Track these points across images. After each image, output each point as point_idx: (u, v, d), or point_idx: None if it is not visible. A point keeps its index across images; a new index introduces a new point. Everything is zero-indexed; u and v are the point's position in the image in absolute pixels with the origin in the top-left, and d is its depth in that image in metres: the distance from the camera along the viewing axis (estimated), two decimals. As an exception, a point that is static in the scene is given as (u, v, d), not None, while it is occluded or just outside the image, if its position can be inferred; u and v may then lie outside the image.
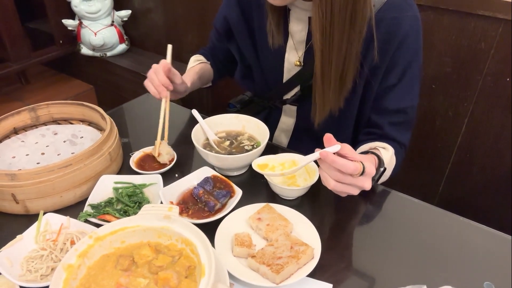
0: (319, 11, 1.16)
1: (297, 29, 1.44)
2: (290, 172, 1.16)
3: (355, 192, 1.12)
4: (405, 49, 1.32)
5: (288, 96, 1.59)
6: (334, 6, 1.15)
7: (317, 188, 1.30)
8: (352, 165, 1.04)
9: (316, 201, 1.30)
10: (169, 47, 1.49)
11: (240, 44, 1.61)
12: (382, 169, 1.28)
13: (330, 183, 1.09)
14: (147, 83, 1.48)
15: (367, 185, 1.10)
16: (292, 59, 1.49)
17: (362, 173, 1.07)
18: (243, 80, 1.76)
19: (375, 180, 1.29)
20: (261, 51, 1.55)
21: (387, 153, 1.35)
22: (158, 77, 1.44)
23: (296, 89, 1.56)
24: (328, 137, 1.08)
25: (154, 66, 1.47)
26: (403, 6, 1.31)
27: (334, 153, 1.06)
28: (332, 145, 1.07)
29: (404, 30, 1.30)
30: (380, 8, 1.29)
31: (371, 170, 1.10)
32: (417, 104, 1.44)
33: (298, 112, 1.63)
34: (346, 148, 1.08)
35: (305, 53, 1.47)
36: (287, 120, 1.67)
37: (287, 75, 1.54)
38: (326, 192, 1.33)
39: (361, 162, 1.07)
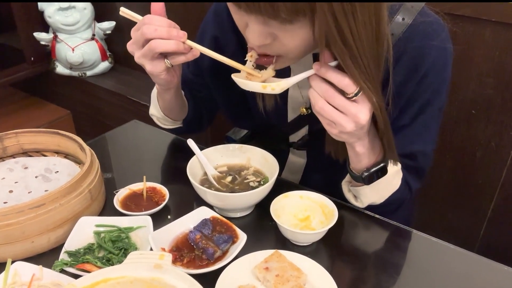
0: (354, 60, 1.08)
1: (300, 65, 1.38)
2: (275, 86, 1.15)
3: (347, 124, 1.12)
4: (425, 86, 1.29)
5: (295, 138, 1.59)
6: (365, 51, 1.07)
7: (335, 232, 1.31)
8: (347, 78, 1.07)
9: (334, 248, 1.31)
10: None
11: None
12: (383, 164, 1.29)
13: (318, 102, 1.11)
14: (130, 45, 1.28)
15: (362, 115, 1.11)
16: (296, 97, 1.47)
17: (357, 93, 1.09)
18: (237, 121, 1.75)
19: (369, 172, 1.29)
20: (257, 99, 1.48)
21: (394, 166, 1.34)
22: (158, 23, 1.21)
23: (303, 130, 1.55)
24: (325, 52, 1.09)
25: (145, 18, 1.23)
26: (428, 33, 1.26)
27: None
28: (330, 62, 1.10)
29: (427, 64, 1.27)
30: (401, 36, 1.25)
31: (369, 99, 1.11)
32: (433, 150, 1.43)
33: (309, 153, 1.63)
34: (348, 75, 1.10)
35: None
36: (297, 160, 1.67)
37: (292, 114, 1.52)
38: (346, 237, 1.34)
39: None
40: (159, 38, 1.19)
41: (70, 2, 3.43)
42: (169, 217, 1.40)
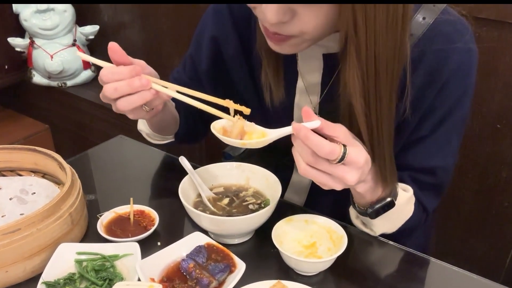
0: (358, 66, 1.07)
1: (308, 68, 1.41)
2: (254, 143, 1.18)
3: (336, 185, 1.13)
4: (447, 93, 1.29)
5: None
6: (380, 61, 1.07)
7: (345, 260, 1.31)
8: (328, 146, 1.06)
9: (343, 278, 1.31)
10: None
11: (236, 83, 1.55)
12: (389, 199, 1.28)
13: (301, 166, 1.12)
14: (103, 98, 1.28)
15: (349, 178, 1.11)
16: (304, 105, 1.41)
17: (342, 159, 1.08)
18: None
19: (374, 209, 1.29)
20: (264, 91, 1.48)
21: (405, 194, 1.34)
22: (117, 76, 1.23)
23: None
24: (306, 110, 1.10)
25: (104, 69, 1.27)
26: (451, 35, 1.27)
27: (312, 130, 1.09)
28: (311, 120, 1.10)
29: (450, 69, 1.27)
30: (421, 37, 1.25)
31: (357, 159, 1.10)
32: (453, 164, 1.42)
33: None
34: (338, 128, 1.11)
35: (321, 100, 1.45)
36: (301, 179, 1.66)
37: None
38: (356, 266, 1.34)
39: (344, 146, 1.09)
40: (123, 96, 1.22)
41: (49, 3, 3.42)
42: (159, 243, 1.39)
